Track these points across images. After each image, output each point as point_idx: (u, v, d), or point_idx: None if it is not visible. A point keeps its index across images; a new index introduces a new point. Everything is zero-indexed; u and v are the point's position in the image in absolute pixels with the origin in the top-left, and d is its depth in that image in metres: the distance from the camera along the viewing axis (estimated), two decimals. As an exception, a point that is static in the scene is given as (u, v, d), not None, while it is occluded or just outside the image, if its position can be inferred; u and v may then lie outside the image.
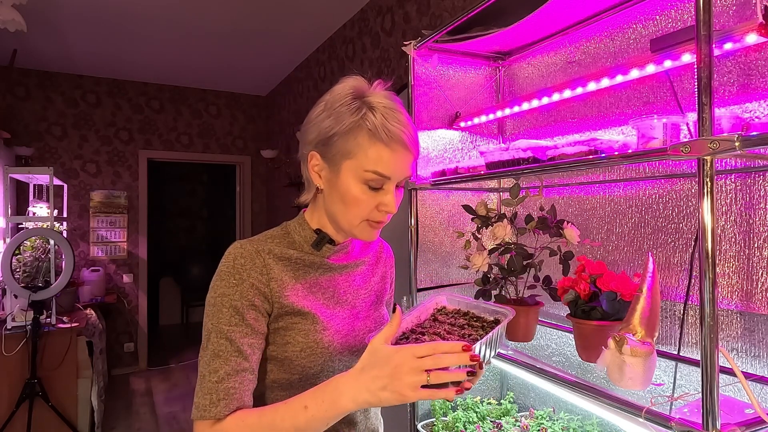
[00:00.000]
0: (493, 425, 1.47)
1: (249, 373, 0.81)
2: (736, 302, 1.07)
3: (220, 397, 0.78)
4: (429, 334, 0.82)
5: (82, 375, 3.19)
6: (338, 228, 0.91)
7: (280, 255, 0.88)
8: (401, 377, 0.69)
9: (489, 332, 0.80)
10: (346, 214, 0.86)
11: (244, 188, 5.61)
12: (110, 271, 4.92)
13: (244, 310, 0.82)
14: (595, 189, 1.42)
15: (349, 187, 0.84)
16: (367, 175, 0.83)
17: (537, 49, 1.61)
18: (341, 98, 0.84)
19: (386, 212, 0.86)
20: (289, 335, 0.85)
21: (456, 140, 1.72)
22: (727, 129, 0.89)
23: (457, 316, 0.89)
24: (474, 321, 0.86)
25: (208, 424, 0.78)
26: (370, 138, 0.82)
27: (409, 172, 0.87)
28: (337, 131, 0.83)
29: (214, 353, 0.80)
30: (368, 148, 0.82)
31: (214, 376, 0.79)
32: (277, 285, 0.85)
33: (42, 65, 4.56)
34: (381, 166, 0.82)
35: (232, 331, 0.81)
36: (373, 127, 0.81)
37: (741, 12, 1.05)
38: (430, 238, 1.67)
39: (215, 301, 0.83)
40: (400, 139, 0.82)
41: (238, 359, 0.80)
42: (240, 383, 0.79)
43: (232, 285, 0.83)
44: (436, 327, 0.85)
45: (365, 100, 0.83)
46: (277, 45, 4.06)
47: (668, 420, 0.78)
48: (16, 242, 3.05)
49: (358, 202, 0.84)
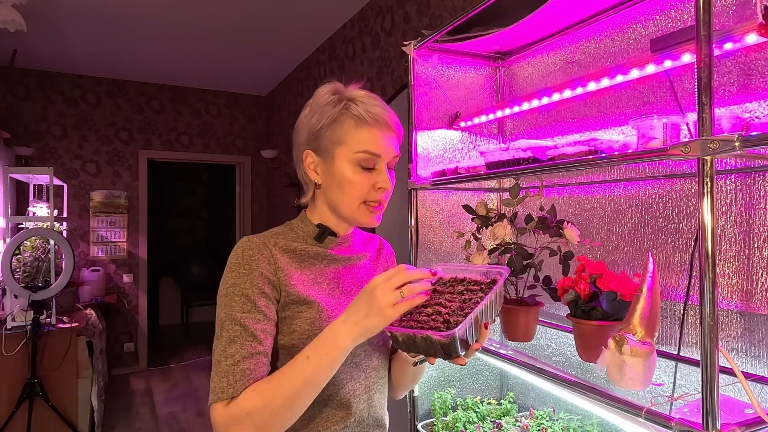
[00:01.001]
0: (493, 425, 1.47)
1: (263, 356, 0.84)
2: (736, 302, 1.07)
3: (237, 378, 0.80)
4: (431, 305, 0.85)
5: (82, 375, 3.19)
6: (340, 218, 0.96)
7: (285, 247, 0.93)
8: (378, 300, 0.76)
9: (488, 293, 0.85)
10: (345, 199, 0.92)
11: (244, 188, 5.61)
12: (110, 271, 4.91)
13: (255, 298, 0.85)
14: (595, 189, 1.42)
15: (344, 171, 0.90)
16: (358, 156, 0.89)
17: (537, 49, 1.61)
18: (323, 97, 0.93)
19: (382, 190, 0.92)
20: (295, 323, 0.88)
21: (456, 140, 1.72)
22: (727, 129, 0.89)
23: (454, 284, 0.92)
24: (472, 285, 0.90)
25: (224, 404, 0.80)
26: (356, 123, 0.90)
27: (396, 151, 0.94)
28: (324, 124, 0.91)
29: (229, 339, 0.83)
30: (356, 131, 0.90)
31: (230, 359, 0.81)
32: (284, 274, 0.89)
33: (42, 65, 4.56)
34: (370, 145, 0.90)
35: (246, 318, 0.84)
36: (357, 113, 0.90)
37: (741, 12, 1.05)
38: (430, 238, 1.67)
39: (227, 291, 0.86)
40: (384, 120, 0.91)
41: (252, 343, 0.83)
42: (255, 365, 0.82)
43: (242, 275, 0.86)
44: (437, 298, 0.88)
45: (345, 95, 0.92)
46: (277, 45, 4.06)
47: (668, 420, 0.78)
48: (16, 242, 3.05)
49: (354, 184, 0.90)
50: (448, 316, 0.81)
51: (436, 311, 0.84)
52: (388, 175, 0.93)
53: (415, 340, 0.80)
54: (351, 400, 0.92)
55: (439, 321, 0.81)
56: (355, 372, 0.94)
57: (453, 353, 0.79)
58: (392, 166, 0.95)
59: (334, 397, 0.90)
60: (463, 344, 0.79)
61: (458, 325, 0.77)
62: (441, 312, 0.83)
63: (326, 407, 0.90)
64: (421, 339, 0.79)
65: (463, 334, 0.78)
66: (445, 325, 0.79)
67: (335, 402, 0.91)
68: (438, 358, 0.82)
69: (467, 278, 0.93)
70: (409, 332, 0.80)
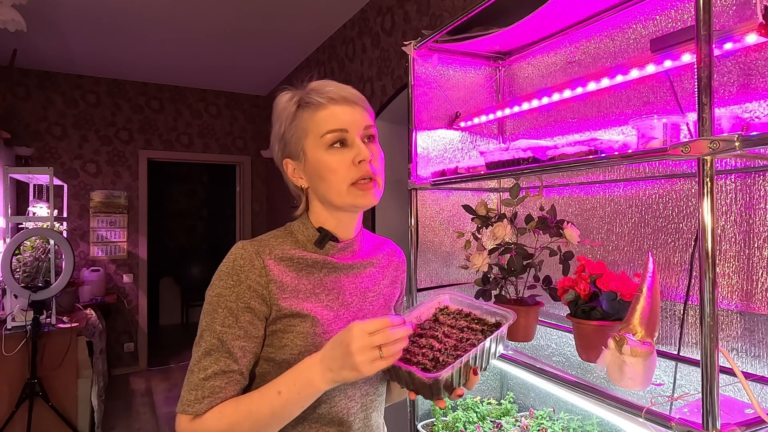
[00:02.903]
0: (493, 425, 1.47)
1: (237, 374, 0.82)
2: (736, 302, 1.07)
3: (205, 395, 0.79)
4: (426, 337, 0.83)
5: (82, 375, 3.19)
6: (337, 210, 0.90)
7: (282, 256, 0.88)
8: (353, 356, 0.72)
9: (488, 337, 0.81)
10: (332, 187, 0.87)
11: (244, 188, 5.61)
12: (110, 271, 4.91)
13: (239, 312, 0.82)
14: (595, 189, 1.42)
15: (318, 159, 0.87)
16: (325, 138, 0.86)
17: (537, 49, 1.61)
18: (280, 104, 0.92)
19: (363, 162, 0.86)
20: (286, 338, 0.84)
21: (456, 140, 1.72)
22: (727, 129, 0.89)
23: (458, 317, 0.88)
24: (475, 323, 0.86)
25: (189, 418, 0.79)
26: (313, 110, 0.88)
27: (367, 121, 0.90)
28: (286, 126, 0.90)
29: (205, 351, 0.81)
30: (314, 117, 0.87)
31: (202, 373, 0.80)
32: (276, 287, 0.84)
33: (42, 65, 4.56)
34: (330, 123, 0.86)
35: (225, 333, 0.81)
36: (310, 100, 0.88)
37: (741, 12, 1.05)
38: (430, 238, 1.67)
39: (211, 300, 0.84)
40: (340, 95, 0.88)
41: (227, 360, 0.81)
42: (227, 383, 0.81)
43: (229, 286, 0.83)
44: (435, 329, 0.85)
45: (297, 93, 0.91)
46: (277, 45, 4.05)
47: (668, 420, 0.78)
48: (16, 242, 3.05)
49: (333, 168, 0.86)
50: (438, 354, 0.78)
51: (429, 345, 0.80)
52: (366, 148, 0.87)
53: (399, 372, 0.77)
54: (345, 419, 0.88)
55: (428, 357, 0.78)
56: (350, 390, 0.89)
57: (434, 394, 0.76)
58: (371, 137, 0.90)
59: (325, 416, 0.86)
60: (447, 387, 0.76)
61: (446, 367, 0.74)
62: (434, 347, 0.80)
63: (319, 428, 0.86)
64: (405, 373, 0.76)
65: (449, 378, 0.75)
66: (432, 363, 0.76)
67: (327, 421, 0.86)
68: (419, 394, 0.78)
69: (473, 314, 0.89)
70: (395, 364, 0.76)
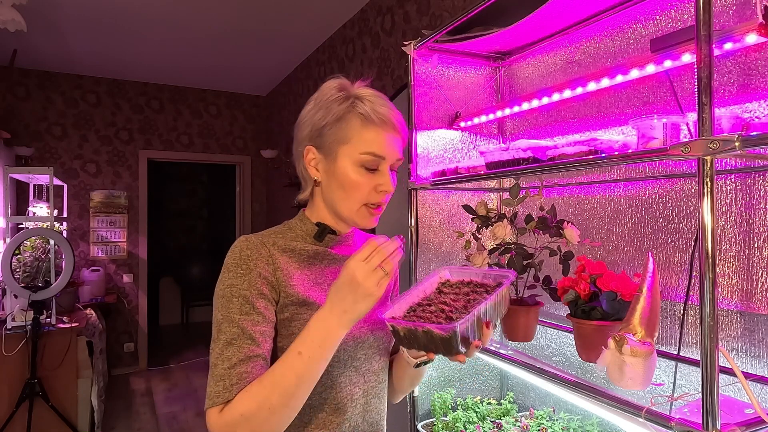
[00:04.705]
0: (493, 425, 1.47)
1: (261, 359, 0.82)
2: (736, 302, 1.07)
3: (233, 382, 0.78)
4: (435, 304, 0.85)
5: (82, 375, 3.19)
6: (339, 218, 0.94)
7: (284, 247, 0.90)
8: (361, 284, 0.75)
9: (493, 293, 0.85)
10: (347, 200, 0.89)
11: (244, 188, 5.61)
12: (110, 271, 4.91)
13: (253, 299, 0.83)
14: (595, 189, 1.42)
15: (347, 171, 0.87)
16: (363, 157, 0.87)
17: (537, 49, 1.61)
18: (329, 92, 0.90)
19: (384, 192, 0.90)
20: (294, 326, 0.86)
21: (456, 140, 1.72)
22: (727, 129, 0.89)
23: (461, 286, 0.92)
24: (478, 287, 0.90)
25: (218, 409, 0.78)
26: (362, 122, 0.87)
27: (400, 154, 0.91)
28: (329, 121, 0.88)
29: (226, 342, 0.81)
30: (362, 131, 0.87)
31: (227, 362, 0.79)
32: (283, 274, 0.87)
33: (42, 65, 4.56)
34: (376, 146, 0.87)
35: (244, 320, 0.82)
36: (364, 112, 0.87)
37: (741, 12, 1.05)
38: (430, 238, 1.67)
39: (224, 292, 0.84)
40: (390, 121, 0.88)
41: (250, 346, 0.81)
42: (253, 368, 0.80)
43: (240, 275, 0.84)
44: (442, 297, 0.88)
45: (352, 92, 0.89)
46: (277, 45, 4.06)
47: (668, 420, 0.78)
48: (16, 242, 3.05)
49: (357, 185, 0.88)
50: (450, 313, 0.81)
51: (440, 309, 0.84)
52: (391, 178, 0.90)
53: (417, 334, 0.80)
54: (347, 405, 0.90)
55: (441, 317, 0.81)
56: (354, 376, 0.92)
57: (453, 349, 0.78)
58: (395, 168, 0.93)
59: (331, 401, 0.89)
60: (464, 341, 0.79)
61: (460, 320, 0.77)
62: (444, 309, 0.83)
63: (322, 412, 0.88)
64: (422, 333, 0.79)
65: (465, 330, 0.78)
66: (446, 321, 0.79)
67: (332, 406, 0.89)
68: (438, 353, 0.81)
69: (474, 281, 0.93)
70: (410, 325, 0.80)
